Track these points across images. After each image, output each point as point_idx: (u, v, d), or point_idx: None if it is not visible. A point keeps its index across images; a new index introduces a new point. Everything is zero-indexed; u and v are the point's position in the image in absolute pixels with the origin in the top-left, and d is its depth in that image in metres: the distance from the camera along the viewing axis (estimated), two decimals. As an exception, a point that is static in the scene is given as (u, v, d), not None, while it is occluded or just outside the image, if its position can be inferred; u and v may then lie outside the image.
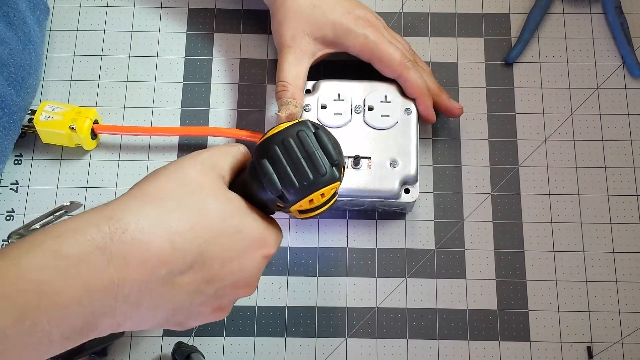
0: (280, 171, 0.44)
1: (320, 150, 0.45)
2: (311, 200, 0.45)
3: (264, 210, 0.47)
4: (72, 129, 0.62)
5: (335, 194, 0.47)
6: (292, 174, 0.44)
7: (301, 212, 0.47)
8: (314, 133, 0.45)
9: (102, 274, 0.36)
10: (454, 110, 0.63)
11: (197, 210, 0.41)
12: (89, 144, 0.64)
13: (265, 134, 0.46)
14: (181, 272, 0.40)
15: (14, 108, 0.59)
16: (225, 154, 0.47)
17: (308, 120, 0.47)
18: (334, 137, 0.46)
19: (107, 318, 0.37)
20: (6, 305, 0.33)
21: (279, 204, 0.46)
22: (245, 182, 0.47)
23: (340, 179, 0.46)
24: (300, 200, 0.45)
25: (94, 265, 0.36)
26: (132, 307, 0.38)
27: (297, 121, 0.46)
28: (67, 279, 0.35)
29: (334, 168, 0.45)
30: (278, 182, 0.44)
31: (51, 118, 0.62)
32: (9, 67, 0.58)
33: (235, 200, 0.44)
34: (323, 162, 0.44)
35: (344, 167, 0.46)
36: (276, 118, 0.59)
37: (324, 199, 0.46)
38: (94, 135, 0.64)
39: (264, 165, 0.44)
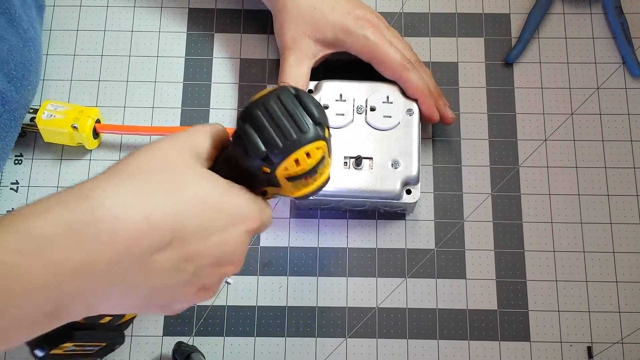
0: (263, 133, 0.43)
1: (302, 109, 0.44)
2: (297, 161, 0.43)
3: (252, 186, 0.46)
4: (74, 127, 0.62)
5: (323, 158, 0.45)
6: (274, 134, 0.43)
7: (290, 179, 0.45)
8: (295, 95, 0.44)
9: (72, 254, 0.34)
10: (448, 118, 0.63)
11: (174, 187, 0.39)
12: (90, 143, 0.64)
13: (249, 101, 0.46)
14: (158, 249, 0.38)
15: (15, 105, 0.59)
16: (206, 133, 0.45)
17: (289, 84, 0.46)
18: (317, 100, 0.45)
19: (78, 301, 0.36)
20: None
21: (264, 168, 0.44)
22: (229, 156, 0.46)
23: (324, 139, 0.44)
24: (285, 159, 0.43)
25: (64, 245, 0.34)
26: (106, 289, 0.37)
27: (277, 86, 0.45)
28: (36, 260, 0.33)
29: (317, 127, 0.44)
30: (261, 144, 0.43)
31: (53, 117, 0.62)
32: (9, 64, 0.58)
33: (215, 178, 0.43)
34: (305, 121, 0.43)
35: (328, 128, 0.45)
36: None
37: (311, 162, 0.44)
38: (95, 134, 0.64)
39: (246, 129, 0.43)
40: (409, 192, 0.59)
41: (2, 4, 0.58)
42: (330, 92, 0.60)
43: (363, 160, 0.58)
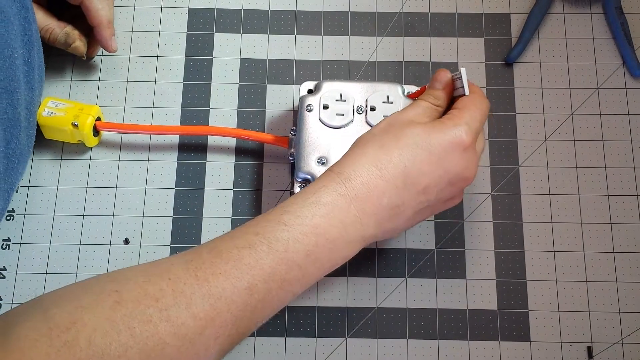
0: None
1: None
2: None
3: None
4: (75, 125, 0.62)
5: None
6: None
7: None
8: None
9: (348, 212, 0.47)
10: (110, 48, 0.65)
11: (395, 144, 0.49)
12: (90, 140, 0.64)
13: None
14: (399, 195, 0.49)
15: (33, 107, 0.60)
16: (413, 107, 0.54)
17: None
18: None
19: (358, 244, 0.49)
20: (297, 245, 0.45)
21: None
22: None
23: None
24: None
25: (342, 207, 0.47)
26: (375, 233, 0.49)
27: None
28: (330, 220, 0.47)
29: None
30: None
31: (54, 114, 0.62)
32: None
33: (421, 125, 0.51)
34: None
35: None
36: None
37: None
38: (96, 132, 0.64)
39: None
40: (409, 192, 0.59)
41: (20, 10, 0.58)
42: (330, 91, 0.60)
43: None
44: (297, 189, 0.58)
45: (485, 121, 0.54)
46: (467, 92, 0.53)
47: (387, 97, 0.60)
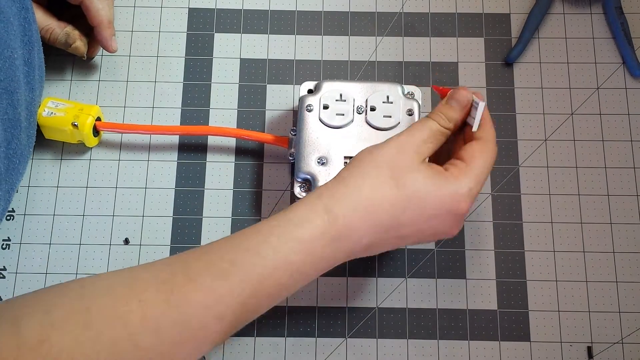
0: None
1: None
2: None
3: None
4: (75, 125, 0.62)
5: None
6: None
7: None
8: None
9: (324, 250, 0.47)
10: (110, 48, 0.65)
11: (391, 191, 0.48)
12: (90, 141, 0.64)
13: None
14: (378, 238, 0.48)
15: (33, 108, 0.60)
16: (423, 132, 0.50)
17: None
18: None
19: (329, 269, 0.48)
20: (270, 280, 0.45)
21: None
22: None
23: None
24: None
25: (321, 246, 0.46)
26: (346, 260, 0.49)
27: None
28: (306, 256, 0.46)
29: None
30: None
31: (54, 114, 0.62)
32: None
33: (429, 174, 0.48)
34: None
35: None
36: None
37: None
38: (96, 132, 0.64)
39: None
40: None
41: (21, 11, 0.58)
42: (330, 91, 0.60)
43: (363, 160, 0.58)
44: (297, 189, 0.58)
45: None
46: (475, 127, 0.51)
47: (387, 97, 0.60)
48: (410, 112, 0.60)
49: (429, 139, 0.50)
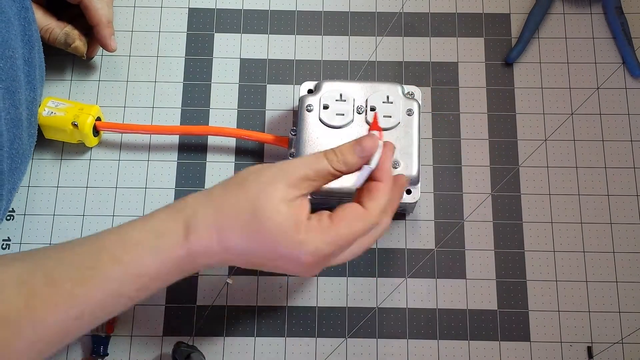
0: None
1: None
2: None
3: None
4: (75, 125, 0.62)
5: None
6: None
7: None
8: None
9: (182, 260, 0.47)
10: (109, 47, 0.65)
11: (247, 225, 0.46)
12: (90, 140, 0.64)
13: None
14: (230, 259, 0.48)
15: (34, 107, 0.60)
16: (308, 165, 0.48)
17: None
18: None
19: (191, 274, 0.49)
20: (130, 285, 0.46)
21: None
22: None
23: None
24: None
25: (178, 256, 0.46)
26: (209, 267, 0.49)
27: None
28: (165, 265, 0.46)
29: None
30: None
31: (54, 114, 0.62)
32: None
33: (288, 216, 0.46)
34: None
35: None
36: None
37: None
38: (96, 132, 0.64)
39: None
40: (409, 192, 0.59)
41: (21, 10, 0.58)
42: (330, 91, 0.60)
43: (363, 160, 0.58)
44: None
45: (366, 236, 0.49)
46: (356, 185, 0.49)
47: (387, 97, 0.60)
48: (410, 112, 0.60)
49: (313, 177, 0.47)
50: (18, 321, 0.44)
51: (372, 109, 0.60)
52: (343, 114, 0.60)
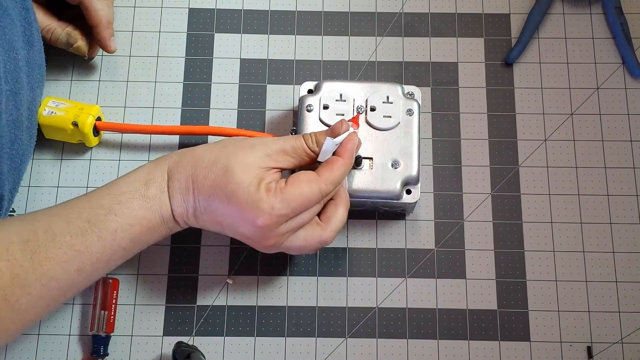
0: None
1: None
2: None
3: None
4: (75, 125, 0.62)
5: None
6: None
7: None
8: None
9: (167, 207, 0.52)
10: (109, 48, 0.66)
11: (217, 186, 0.51)
12: (91, 140, 0.64)
13: None
14: (199, 214, 0.52)
15: (34, 106, 0.60)
16: (287, 141, 0.54)
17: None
18: None
19: (178, 227, 0.54)
20: (124, 234, 0.50)
21: None
22: None
23: None
24: None
25: (163, 202, 0.52)
26: (194, 223, 0.54)
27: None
28: (153, 213, 0.51)
29: None
30: None
31: (54, 114, 0.62)
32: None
33: (252, 176, 0.51)
34: None
35: None
36: None
37: None
38: (96, 132, 0.64)
39: None
40: (409, 192, 0.59)
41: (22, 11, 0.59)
42: (330, 91, 0.60)
43: (363, 160, 0.58)
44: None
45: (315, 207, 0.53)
46: (320, 158, 0.54)
47: (387, 97, 0.60)
48: (410, 112, 0.60)
49: (289, 152, 0.53)
50: (25, 277, 0.46)
51: (372, 109, 0.60)
52: (343, 114, 0.60)
